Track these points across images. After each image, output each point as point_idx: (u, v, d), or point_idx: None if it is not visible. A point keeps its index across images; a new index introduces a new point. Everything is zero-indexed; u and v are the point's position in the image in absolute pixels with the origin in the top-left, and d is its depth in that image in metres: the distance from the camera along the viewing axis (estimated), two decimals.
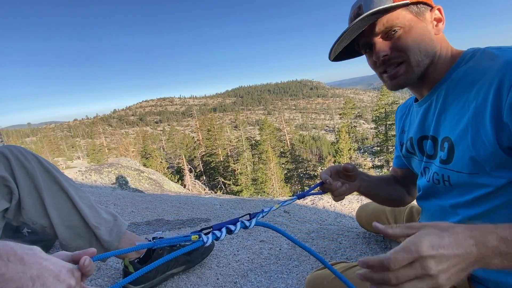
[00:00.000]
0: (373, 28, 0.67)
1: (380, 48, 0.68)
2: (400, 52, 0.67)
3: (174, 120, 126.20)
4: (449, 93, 0.67)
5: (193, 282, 1.23)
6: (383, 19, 0.65)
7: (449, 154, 0.65)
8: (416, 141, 0.78)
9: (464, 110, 0.62)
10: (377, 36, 0.68)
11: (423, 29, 0.66)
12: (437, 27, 0.68)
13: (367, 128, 59.22)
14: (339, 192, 0.84)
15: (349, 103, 28.67)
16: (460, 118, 0.63)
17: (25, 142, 69.77)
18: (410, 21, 0.65)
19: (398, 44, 0.67)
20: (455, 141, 0.64)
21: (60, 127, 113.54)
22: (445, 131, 0.67)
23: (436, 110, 0.70)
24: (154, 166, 23.03)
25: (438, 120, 0.70)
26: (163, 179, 5.76)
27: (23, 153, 0.93)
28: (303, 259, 1.42)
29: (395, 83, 0.71)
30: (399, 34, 0.66)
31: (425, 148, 0.75)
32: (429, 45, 0.67)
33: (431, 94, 0.72)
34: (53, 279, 0.42)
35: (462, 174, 0.64)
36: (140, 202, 2.69)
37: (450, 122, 0.66)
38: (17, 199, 0.90)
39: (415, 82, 0.72)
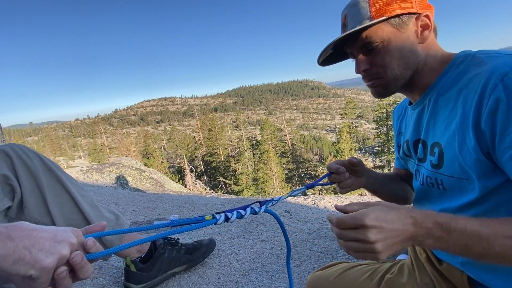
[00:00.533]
0: (355, 41, 0.69)
1: (360, 63, 0.71)
2: (378, 67, 0.69)
3: (175, 120, 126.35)
4: (439, 99, 0.68)
5: (195, 281, 1.23)
6: (362, 34, 0.66)
7: (440, 159, 0.66)
8: (412, 144, 0.79)
9: (452, 116, 0.63)
10: (357, 50, 0.71)
11: (404, 41, 0.66)
12: (422, 35, 0.67)
13: (368, 128, 59.14)
14: (345, 183, 0.85)
15: (350, 103, 28.65)
16: (449, 124, 0.63)
17: (27, 141, 70.02)
18: (390, 34, 0.65)
19: (376, 59, 0.68)
20: (444, 147, 0.64)
21: (62, 126, 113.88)
22: (435, 136, 0.68)
23: (428, 115, 0.71)
24: (155, 166, 23.07)
25: (428, 125, 0.71)
26: (164, 178, 5.77)
27: (25, 152, 0.93)
28: (305, 259, 1.42)
29: (375, 93, 0.74)
30: (378, 49, 0.67)
31: (418, 152, 0.76)
32: (410, 57, 0.67)
33: (423, 99, 0.73)
34: (50, 242, 0.42)
35: (453, 179, 0.64)
36: (142, 201, 2.69)
37: (439, 127, 0.67)
38: (19, 197, 0.90)
39: (402, 90, 0.74)
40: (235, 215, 0.63)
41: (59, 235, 0.44)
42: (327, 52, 0.75)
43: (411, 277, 0.80)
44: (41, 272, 0.41)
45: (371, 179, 0.91)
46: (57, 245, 0.43)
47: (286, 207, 2.44)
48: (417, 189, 0.79)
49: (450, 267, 0.73)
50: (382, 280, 0.81)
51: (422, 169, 0.74)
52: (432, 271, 0.77)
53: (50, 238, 0.43)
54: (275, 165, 22.80)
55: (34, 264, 0.40)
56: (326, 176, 0.87)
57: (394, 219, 0.50)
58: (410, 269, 0.83)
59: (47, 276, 0.42)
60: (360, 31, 0.66)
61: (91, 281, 1.17)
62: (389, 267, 0.86)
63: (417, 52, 0.67)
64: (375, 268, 0.87)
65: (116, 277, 1.20)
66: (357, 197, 2.75)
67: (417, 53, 0.67)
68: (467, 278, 0.70)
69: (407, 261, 0.87)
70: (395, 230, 0.50)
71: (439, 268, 0.76)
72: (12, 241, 0.40)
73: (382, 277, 0.83)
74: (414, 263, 0.83)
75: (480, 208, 0.63)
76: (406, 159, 0.86)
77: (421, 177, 0.75)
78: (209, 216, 0.61)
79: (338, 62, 0.82)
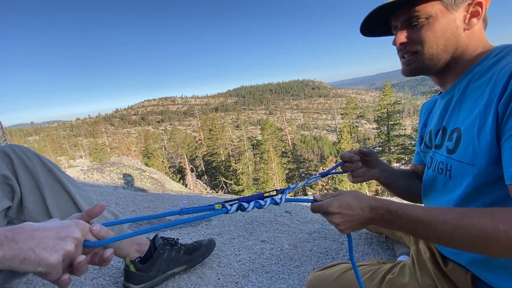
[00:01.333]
0: (402, 12, 0.69)
1: (399, 36, 0.70)
2: (416, 42, 0.68)
3: (176, 119, 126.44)
4: (469, 86, 0.67)
5: (194, 282, 1.22)
6: (411, 6, 0.66)
7: (456, 144, 0.66)
8: (434, 133, 0.79)
9: (478, 102, 0.62)
10: (401, 22, 0.70)
11: (449, 23, 0.65)
12: (469, 22, 0.66)
13: (369, 128, 59.05)
14: (358, 173, 0.87)
15: (351, 103, 28.59)
16: (473, 110, 0.63)
17: (28, 141, 70.17)
18: (438, 12, 0.65)
19: (417, 34, 0.68)
20: (463, 132, 0.65)
21: (63, 126, 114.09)
22: (457, 122, 0.68)
23: (454, 102, 0.71)
24: (156, 166, 23.09)
25: (453, 111, 0.71)
26: (165, 178, 5.77)
27: (25, 152, 0.93)
28: (305, 260, 1.42)
29: (406, 69, 0.74)
30: (422, 25, 0.67)
31: (436, 139, 0.76)
32: (450, 40, 0.66)
33: (454, 87, 0.72)
34: (54, 240, 0.44)
35: (461, 164, 0.65)
36: (142, 201, 2.69)
37: (463, 114, 0.67)
38: (19, 197, 0.90)
39: (435, 74, 0.74)
40: (252, 205, 0.63)
41: (62, 231, 0.45)
42: (371, 20, 0.75)
43: (412, 278, 0.80)
44: (49, 268, 0.44)
45: (385, 172, 0.92)
46: (61, 242, 0.44)
47: (286, 207, 2.43)
48: (427, 177, 0.80)
49: (455, 267, 0.73)
50: (383, 281, 0.81)
51: (437, 155, 0.74)
52: (435, 272, 0.77)
53: (53, 236, 0.44)
54: (276, 165, 22.79)
55: (40, 263, 0.43)
56: (340, 165, 0.88)
57: (354, 206, 0.62)
58: (411, 270, 0.82)
59: (56, 269, 0.44)
60: (410, 3, 0.65)
61: (91, 281, 1.17)
62: (390, 268, 0.86)
63: (459, 36, 0.67)
64: (376, 268, 0.87)
65: (115, 278, 1.20)
66: None
67: (459, 37, 0.67)
68: (471, 279, 0.69)
69: (408, 261, 0.87)
70: (354, 215, 0.62)
71: (444, 269, 0.75)
72: (16, 244, 0.42)
73: (383, 277, 0.82)
74: (416, 263, 0.83)
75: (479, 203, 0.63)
76: (426, 151, 0.85)
77: (434, 163, 0.75)
78: (219, 205, 0.61)
79: (380, 36, 0.81)
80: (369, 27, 0.78)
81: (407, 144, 20.79)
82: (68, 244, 0.45)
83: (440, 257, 0.77)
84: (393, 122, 21.49)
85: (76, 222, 0.49)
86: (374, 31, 0.80)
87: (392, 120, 21.52)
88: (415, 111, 78.37)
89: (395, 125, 21.54)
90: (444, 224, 0.54)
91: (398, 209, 0.60)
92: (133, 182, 4.78)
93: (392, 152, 21.29)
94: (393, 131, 21.47)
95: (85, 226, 0.49)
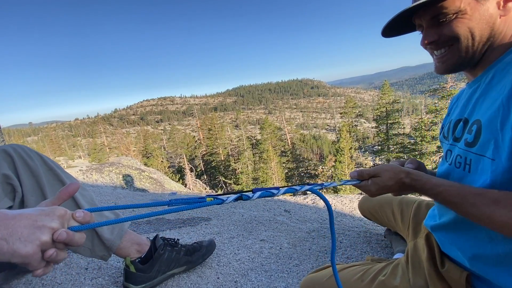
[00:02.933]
0: (426, 11, 0.64)
1: (427, 34, 0.67)
2: (448, 38, 0.64)
3: (175, 119, 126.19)
4: (495, 76, 0.64)
5: (194, 281, 1.23)
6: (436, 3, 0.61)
7: (476, 137, 0.63)
8: (453, 123, 0.76)
9: (501, 92, 0.58)
10: (427, 21, 0.66)
11: (481, 14, 0.61)
12: (505, 7, 0.61)
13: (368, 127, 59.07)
14: None
15: (350, 102, 28.61)
16: (495, 101, 0.59)
17: (26, 141, 69.93)
18: (467, 5, 0.60)
19: (446, 30, 0.63)
20: (483, 124, 0.61)
21: (62, 126, 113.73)
22: (479, 113, 0.64)
23: (479, 93, 0.67)
24: (155, 166, 23.06)
25: (476, 103, 0.67)
26: (164, 178, 5.77)
27: (26, 152, 0.93)
28: (304, 258, 1.43)
29: (441, 67, 0.70)
30: (452, 20, 0.62)
31: (456, 131, 0.73)
32: (486, 31, 0.62)
33: (482, 76, 0.68)
34: (29, 229, 0.41)
35: (483, 158, 0.61)
36: (141, 201, 2.70)
37: (486, 105, 0.63)
38: (20, 197, 0.90)
39: (471, 66, 0.69)
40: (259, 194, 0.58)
41: (39, 220, 0.42)
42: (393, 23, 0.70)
43: (404, 279, 0.79)
44: (24, 260, 0.41)
45: None
46: (37, 231, 0.41)
47: (285, 206, 2.44)
48: (442, 170, 0.77)
49: (452, 267, 0.72)
50: (374, 282, 0.80)
51: (455, 148, 0.71)
52: (429, 271, 0.76)
53: (29, 225, 0.41)
54: (275, 164, 22.80)
55: (13, 254, 0.40)
56: None
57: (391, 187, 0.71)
58: (404, 269, 0.81)
59: (33, 260, 0.41)
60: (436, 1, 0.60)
61: (90, 281, 1.18)
62: (381, 268, 0.85)
63: (495, 26, 0.62)
64: (367, 268, 0.86)
65: (115, 278, 1.21)
66: (356, 196, 2.76)
67: (494, 27, 0.62)
68: (465, 279, 0.69)
69: (402, 260, 0.85)
70: (391, 191, 0.73)
71: (440, 270, 0.75)
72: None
73: (373, 278, 0.81)
74: (409, 262, 0.82)
75: None
76: (443, 141, 0.83)
77: (452, 157, 0.72)
78: (210, 198, 0.57)
79: (403, 34, 0.77)
80: (391, 28, 0.74)
81: (406, 143, 20.81)
82: (44, 234, 0.42)
83: (439, 256, 0.76)
84: (392, 121, 21.52)
85: (55, 209, 0.45)
86: (396, 31, 0.76)
87: (391, 119, 21.55)
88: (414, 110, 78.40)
89: (394, 124, 21.57)
90: (473, 207, 0.58)
91: (432, 188, 0.65)
92: (133, 182, 4.77)
93: (391, 151, 21.32)
94: (392, 130, 21.50)
95: (66, 213, 0.46)
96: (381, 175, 0.72)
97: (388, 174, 0.71)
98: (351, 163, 20.99)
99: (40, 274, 0.44)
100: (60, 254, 0.44)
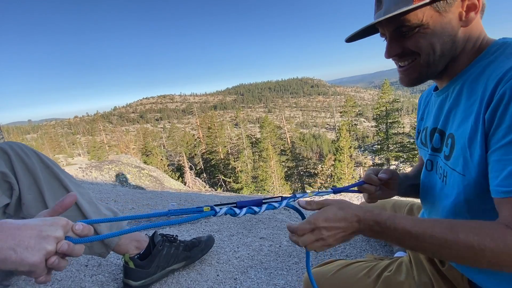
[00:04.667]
0: (389, 22, 0.63)
1: (391, 47, 0.66)
2: (411, 52, 0.64)
3: (175, 117, 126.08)
4: (463, 89, 0.64)
5: (193, 279, 1.23)
6: (398, 17, 0.60)
7: (451, 151, 0.65)
8: (429, 132, 0.77)
9: (472, 109, 0.59)
10: (390, 32, 0.65)
11: (444, 26, 0.60)
12: (467, 17, 0.60)
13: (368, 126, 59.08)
14: (374, 195, 0.85)
15: (350, 101, 28.60)
16: (467, 117, 0.60)
17: (25, 139, 69.83)
18: (429, 19, 0.60)
19: (410, 43, 0.63)
20: (456, 139, 0.63)
21: (61, 124, 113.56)
22: (452, 128, 0.66)
23: (449, 104, 0.68)
24: (155, 164, 23.06)
25: (448, 115, 0.68)
26: (164, 176, 5.77)
27: (23, 149, 0.93)
28: (303, 256, 1.43)
29: (404, 80, 0.70)
30: (414, 33, 0.62)
31: (433, 141, 0.74)
32: (447, 44, 0.62)
33: (449, 86, 0.69)
34: (36, 239, 0.43)
35: (454, 172, 0.63)
36: (141, 199, 2.70)
37: (458, 119, 0.64)
38: (17, 194, 0.90)
39: (433, 78, 0.70)
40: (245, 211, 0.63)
41: (44, 230, 0.45)
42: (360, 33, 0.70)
43: (409, 276, 0.80)
44: (31, 268, 0.43)
45: (403, 189, 0.89)
46: (42, 241, 0.44)
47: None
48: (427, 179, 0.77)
49: (452, 267, 0.73)
50: (380, 278, 0.81)
51: (439, 159, 0.72)
52: (431, 270, 0.77)
53: (35, 235, 0.44)
54: (275, 163, 22.81)
55: (21, 262, 0.42)
56: (359, 185, 0.85)
57: (341, 218, 0.61)
58: (408, 268, 0.82)
59: (39, 269, 0.44)
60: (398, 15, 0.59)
61: (90, 278, 1.18)
62: (387, 265, 0.86)
63: (457, 37, 0.62)
64: (373, 265, 0.87)
65: (115, 274, 1.21)
66: (356, 195, 2.76)
67: (456, 38, 0.62)
68: (467, 280, 0.69)
69: (405, 259, 0.86)
70: (342, 227, 0.61)
71: (441, 269, 0.75)
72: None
73: (379, 275, 0.82)
74: (412, 261, 0.83)
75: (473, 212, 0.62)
76: (421, 147, 0.84)
77: (436, 167, 0.73)
78: (207, 207, 0.61)
79: (366, 37, 0.76)
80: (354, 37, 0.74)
81: (405, 142, 20.85)
82: (50, 244, 0.44)
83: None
84: (391, 120, 21.53)
85: (58, 219, 0.48)
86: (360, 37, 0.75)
87: (390, 118, 21.56)
88: (413, 109, 78.52)
89: (394, 123, 21.58)
90: (432, 238, 0.54)
91: (387, 220, 0.59)
92: (132, 180, 4.77)
93: (391, 150, 21.35)
94: (392, 129, 21.52)
95: (68, 223, 0.48)
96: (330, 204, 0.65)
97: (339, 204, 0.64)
98: (351, 162, 21.02)
99: (43, 281, 0.46)
100: (61, 262, 0.47)
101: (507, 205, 0.52)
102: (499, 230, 0.51)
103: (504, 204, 0.53)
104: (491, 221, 0.53)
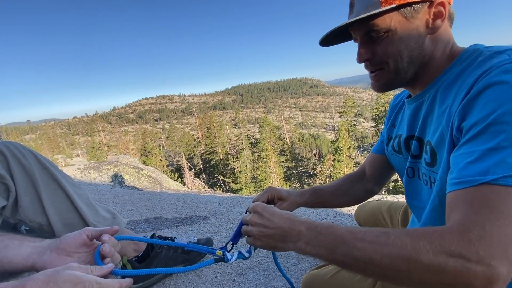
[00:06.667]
0: (360, 26, 0.65)
1: (361, 52, 0.67)
2: (380, 58, 0.65)
3: (174, 118, 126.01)
4: (437, 96, 0.65)
5: (192, 280, 1.23)
6: (368, 21, 0.62)
7: (432, 158, 0.64)
8: (403, 140, 0.77)
9: (443, 117, 0.60)
10: (361, 36, 0.66)
11: (411, 32, 0.61)
12: (433, 25, 0.61)
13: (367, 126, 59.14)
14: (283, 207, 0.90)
15: (349, 102, 28.63)
16: (439, 124, 0.61)
17: (24, 139, 69.64)
18: (397, 24, 0.61)
19: (379, 48, 0.64)
20: (435, 146, 0.63)
21: (60, 124, 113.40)
22: (429, 135, 0.66)
23: (424, 112, 0.68)
24: (154, 164, 23.03)
25: (424, 123, 0.68)
26: (163, 177, 5.76)
27: (20, 150, 0.92)
28: (301, 258, 1.42)
29: (375, 85, 0.71)
30: (382, 39, 0.63)
31: (411, 148, 0.74)
32: (415, 50, 0.63)
33: (423, 94, 0.69)
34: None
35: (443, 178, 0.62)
36: (139, 200, 2.69)
37: (433, 126, 0.65)
38: (14, 196, 0.89)
39: (404, 85, 0.71)
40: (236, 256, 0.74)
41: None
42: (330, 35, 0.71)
43: None
44: None
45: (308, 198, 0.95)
46: None
47: None
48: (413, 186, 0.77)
49: None
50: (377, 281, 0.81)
51: (420, 166, 0.72)
52: None
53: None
54: (274, 163, 22.82)
55: None
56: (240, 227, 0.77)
57: (276, 214, 0.63)
58: None
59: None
60: (365, 17, 0.61)
61: None
62: None
63: (424, 44, 0.63)
64: None
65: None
66: None
67: (423, 45, 0.63)
68: None
69: None
70: (272, 221, 0.62)
71: None
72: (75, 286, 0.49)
73: None
74: None
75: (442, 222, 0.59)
76: (393, 153, 0.84)
77: (419, 173, 0.73)
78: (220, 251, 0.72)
79: (342, 43, 0.76)
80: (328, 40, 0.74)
81: None
82: None
83: None
84: None
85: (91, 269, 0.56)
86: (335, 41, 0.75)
87: None
88: None
89: None
90: (363, 242, 0.49)
91: (318, 226, 0.58)
92: (131, 181, 4.76)
93: None
94: None
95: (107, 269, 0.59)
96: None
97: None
98: (350, 162, 21.04)
99: None
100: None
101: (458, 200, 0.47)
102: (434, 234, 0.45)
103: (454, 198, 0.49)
104: (433, 226, 0.48)
